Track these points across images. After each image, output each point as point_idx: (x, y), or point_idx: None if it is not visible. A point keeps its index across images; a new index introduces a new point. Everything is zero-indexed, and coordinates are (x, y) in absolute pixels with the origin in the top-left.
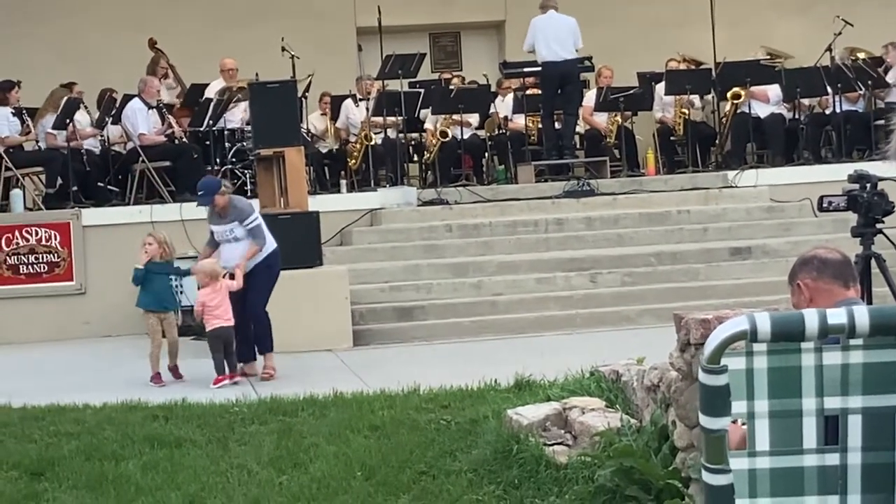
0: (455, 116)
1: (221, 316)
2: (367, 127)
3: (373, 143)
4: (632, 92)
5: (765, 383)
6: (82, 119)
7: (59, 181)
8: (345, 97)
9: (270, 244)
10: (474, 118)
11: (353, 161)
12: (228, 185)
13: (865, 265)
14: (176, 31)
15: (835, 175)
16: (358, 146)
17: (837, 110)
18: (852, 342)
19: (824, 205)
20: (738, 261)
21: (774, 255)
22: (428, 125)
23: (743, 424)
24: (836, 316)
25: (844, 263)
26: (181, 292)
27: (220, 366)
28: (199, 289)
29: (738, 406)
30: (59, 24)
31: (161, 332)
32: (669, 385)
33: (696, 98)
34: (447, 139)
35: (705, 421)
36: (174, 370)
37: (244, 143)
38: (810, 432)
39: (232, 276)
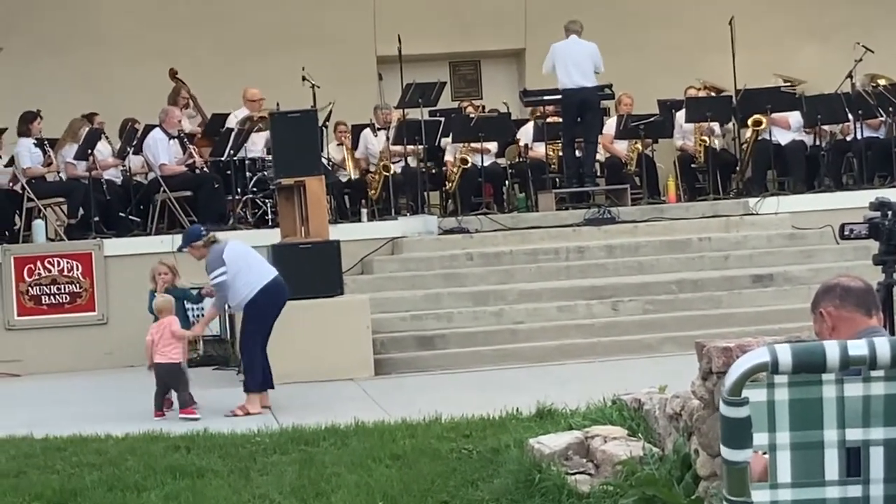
0: (475, 144)
1: (163, 352)
2: (385, 157)
3: (391, 172)
4: (652, 119)
5: (786, 415)
6: (103, 149)
7: (81, 211)
8: (364, 126)
9: (258, 282)
10: (493, 146)
11: (373, 191)
12: (216, 236)
13: (887, 293)
14: (197, 61)
15: (856, 202)
16: (377, 176)
17: (858, 137)
18: (874, 373)
19: (846, 232)
20: (760, 288)
21: (796, 283)
22: (448, 154)
23: (764, 454)
24: (858, 347)
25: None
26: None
27: (156, 401)
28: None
29: (760, 438)
30: (81, 54)
31: None
32: (692, 414)
33: (716, 125)
34: (467, 167)
35: (727, 453)
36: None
37: (265, 173)
38: (832, 464)
39: None
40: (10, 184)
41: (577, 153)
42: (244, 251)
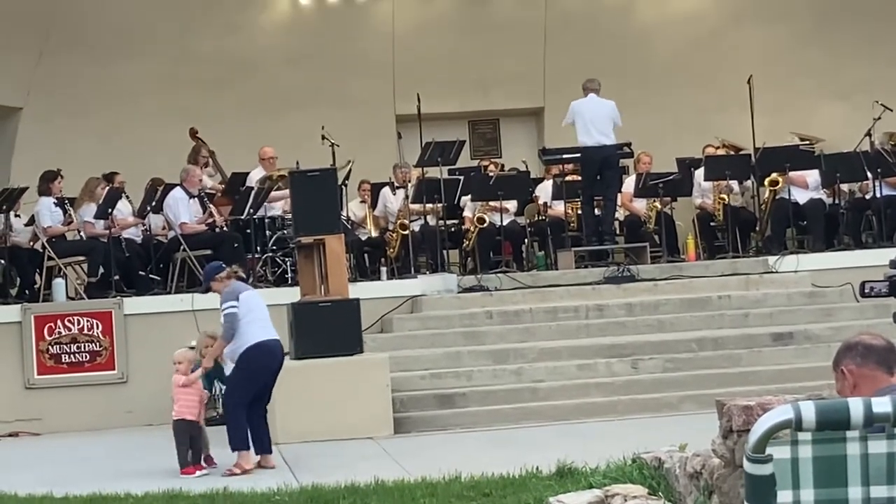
0: (493, 203)
1: (180, 407)
2: (404, 215)
3: (408, 231)
4: (671, 178)
5: (810, 472)
6: (123, 208)
7: (101, 270)
8: (384, 184)
9: (255, 336)
10: (512, 204)
11: (392, 249)
12: (235, 268)
13: None
14: (217, 120)
15: (876, 260)
16: (395, 234)
17: (878, 195)
18: None
19: (866, 290)
20: (780, 346)
21: (816, 341)
22: (467, 212)
23: None
24: (882, 405)
25: (888, 350)
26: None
27: (180, 458)
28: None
29: (784, 496)
30: (102, 113)
31: None
32: (712, 472)
33: (735, 183)
34: (485, 225)
35: None
36: (207, 458)
37: (285, 231)
38: None
39: None
40: (31, 243)
41: (597, 211)
42: (257, 304)
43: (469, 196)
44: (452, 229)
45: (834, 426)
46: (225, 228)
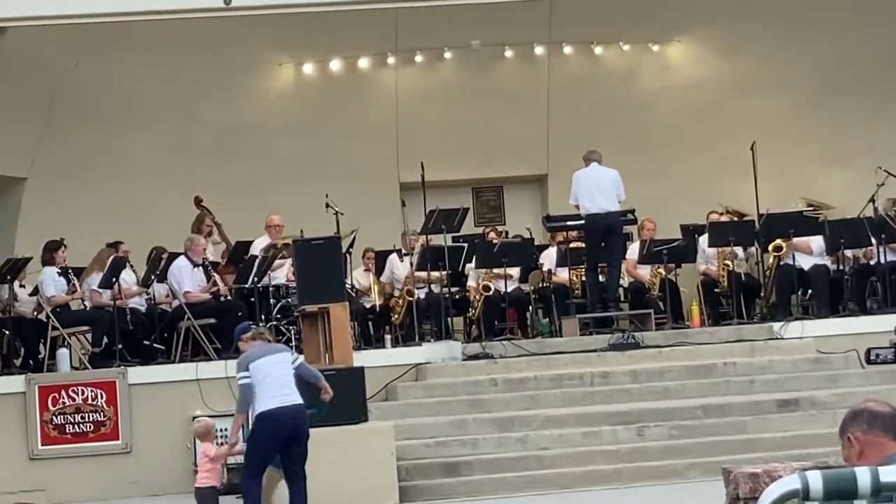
0: (497, 270)
1: (203, 474)
2: (410, 282)
3: (415, 298)
4: (675, 244)
5: None
6: (128, 278)
7: (105, 340)
8: (389, 252)
9: (257, 409)
10: (516, 271)
11: (396, 317)
12: (262, 329)
13: None
14: (222, 189)
15: (881, 326)
16: (401, 301)
17: (882, 261)
18: None
19: (872, 357)
20: (786, 413)
21: (822, 408)
22: (471, 280)
23: None
24: (889, 474)
25: (895, 417)
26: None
27: None
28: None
29: None
30: (107, 184)
31: None
32: None
33: (739, 250)
34: (490, 293)
35: None
36: None
37: (289, 300)
38: None
39: None
40: (35, 312)
41: (601, 278)
42: (271, 369)
43: (473, 263)
44: (457, 296)
45: (841, 496)
46: (229, 297)
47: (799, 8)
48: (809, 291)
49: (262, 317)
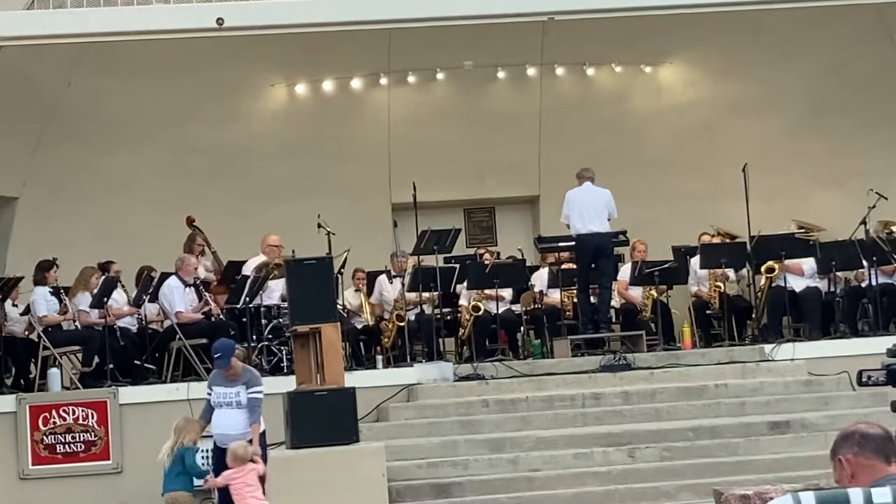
0: (489, 291)
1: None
2: (400, 305)
3: (405, 321)
4: (666, 266)
5: None
6: (119, 297)
7: (97, 360)
8: (380, 273)
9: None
10: (508, 292)
11: (387, 338)
12: (241, 348)
13: None
14: (214, 209)
15: (872, 348)
16: (391, 324)
17: (873, 283)
18: None
19: (863, 379)
20: (777, 435)
21: (813, 430)
22: (462, 300)
23: None
24: (882, 496)
25: (886, 439)
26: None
27: None
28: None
29: None
30: (99, 204)
31: None
32: None
33: (731, 271)
34: (479, 314)
35: None
36: None
37: (281, 320)
38: None
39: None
40: (27, 332)
41: (592, 299)
42: None
43: (465, 284)
44: (448, 317)
45: None
46: (221, 317)
47: (791, 30)
48: (801, 312)
49: (254, 337)
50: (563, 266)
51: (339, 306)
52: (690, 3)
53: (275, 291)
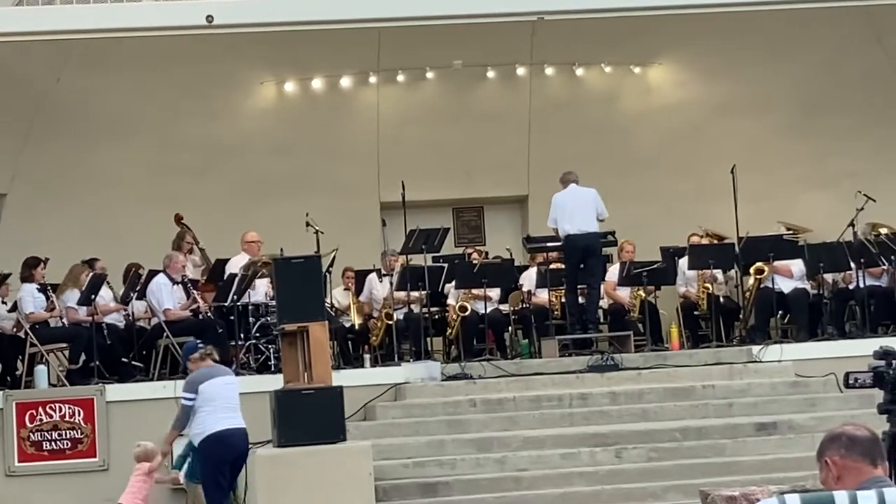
0: (476, 290)
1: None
2: (389, 304)
3: (393, 321)
4: (654, 267)
5: None
6: (105, 294)
7: (84, 357)
8: (368, 272)
9: (205, 430)
10: (495, 292)
11: (375, 337)
12: (210, 349)
13: (893, 442)
14: (202, 207)
15: (860, 350)
16: (379, 323)
17: (861, 285)
18: None
19: (850, 381)
20: (764, 436)
21: (800, 431)
22: (450, 300)
23: None
24: (867, 499)
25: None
26: None
27: None
28: None
29: None
30: (88, 200)
31: None
32: None
33: (719, 273)
34: (466, 314)
35: None
36: None
37: (268, 318)
38: None
39: None
40: (14, 329)
41: (580, 299)
42: (219, 393)
43: (453, 284)
44: (436, 317)
45: None
46: (209, 315)
47: (780, 31)
48: (788, 314)
49: (242, 335)
50: (552, 266)
51: (327, 305)
52: (680, 4)
53: (260, 288)
